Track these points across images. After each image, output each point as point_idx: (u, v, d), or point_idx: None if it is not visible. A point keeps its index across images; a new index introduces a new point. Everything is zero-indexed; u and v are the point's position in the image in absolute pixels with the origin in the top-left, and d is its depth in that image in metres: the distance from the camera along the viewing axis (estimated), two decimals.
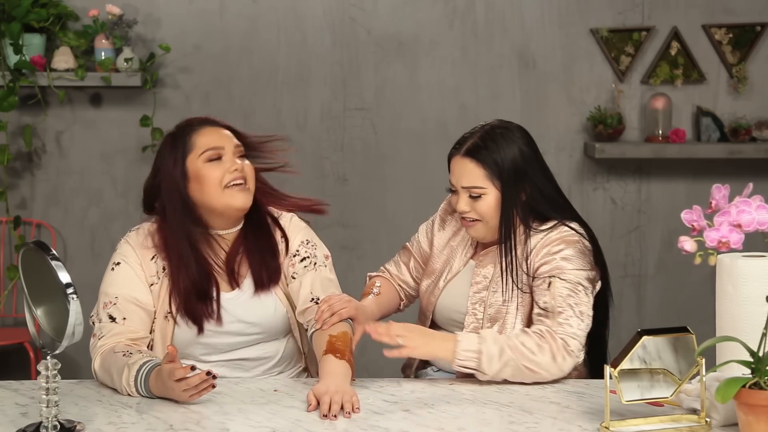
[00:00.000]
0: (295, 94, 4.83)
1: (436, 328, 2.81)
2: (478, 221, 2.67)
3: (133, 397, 2.44)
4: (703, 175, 4.81)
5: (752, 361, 2.02)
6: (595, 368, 2.75)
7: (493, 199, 2.64)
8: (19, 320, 4.78)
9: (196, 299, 2.63)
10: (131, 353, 2.50)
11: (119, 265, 2.66)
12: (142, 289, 2.64)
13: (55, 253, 2.14)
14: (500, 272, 2.66)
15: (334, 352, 2.49)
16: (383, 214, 4.88)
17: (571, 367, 2.53)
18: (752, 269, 2.22)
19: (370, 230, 4.88)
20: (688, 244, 2.21)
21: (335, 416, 2.28)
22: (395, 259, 2.96)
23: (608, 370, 2.14)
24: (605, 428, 2.16)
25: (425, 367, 2.82)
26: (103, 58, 4.64)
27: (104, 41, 4.67)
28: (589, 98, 4.81)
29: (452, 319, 2.75)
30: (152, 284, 2.65)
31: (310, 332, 2.65)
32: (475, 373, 2.50)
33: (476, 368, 2.49)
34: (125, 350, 2.51)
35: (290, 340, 2.76)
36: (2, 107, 4.56)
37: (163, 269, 2.66)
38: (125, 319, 2.61)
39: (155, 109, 4.75)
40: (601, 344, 2.77)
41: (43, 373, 2.15)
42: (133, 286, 2.64)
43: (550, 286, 2.58)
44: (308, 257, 2.72)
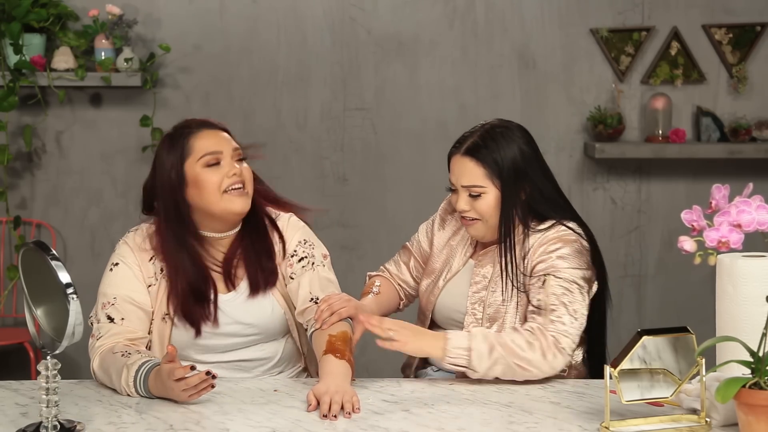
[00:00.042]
0: (295, 94, 4.83)
1: (435, 327, 2.81)
2: (477, 220, 2.66)
3: (132, 397, 2.44)
4: (703, 175, 4.80)
5: (752, 361, 2.02)
6: (594, 368, 2.75)
7: (492, 198, 2.64)
8: (19, 320, 4.78)
9: (193, 302, 2.63)
10: (130, 353, 2.50)
11: (117, 265, 2.66)
12: (140, 289, 2.64)
13: (55, 253, 2.14)
14: (499, 272, 2.67)
15: (333, 351, 2.48)
16: (383, 214, 4.88)
17: (562, 364, 2.52)
18: (752, 269, 2.22)
19: (370, 230, 4.88)
20: (688, 244, 2.21)
21: (335, 416, 2.28)
22: (395, 258, 2.96)
23: (608, 370, 2.14)
24: (605, 428, 2.16)
25: (425, 366, 2.82)
26: (103, 58, 4.64)
27: (104, 41, 4.67)
28: (589, 98, 4.81)
29: (451, 318, 2.75)
30: (150, 285, 2.65)
31: (309, 332, 2.65)
32: (465, 371, 2.50)
33: (467, 365, 2.49)
34: (124, 350, 2.51)
35: (289, 340, 2.76)
36: (2, 107, 4.56)
37: (161, 270, 2.66)
38: (123, 319, 2.61)
39: (155, 109, 4.75)
40: (600, 344, 2.77)
41: (43, 373, 2.15)
42: (131, 286, 2.64)
43: (544, 283, 2.58)
44: (306, 257, 2.72)
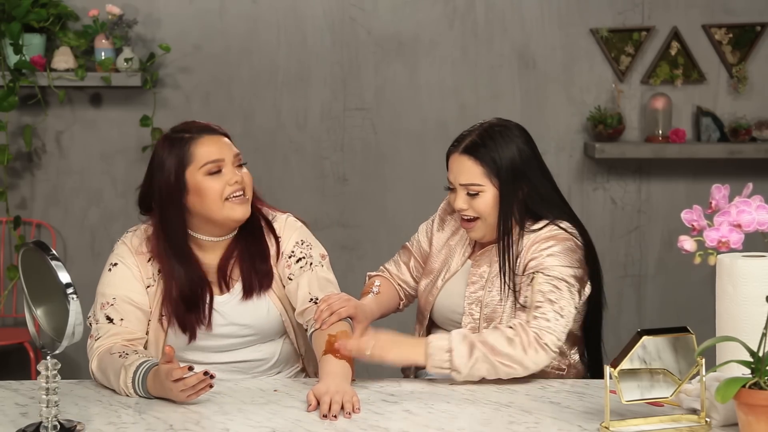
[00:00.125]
0: (295, 94, 4.83)
1: (434, 327, 2.81)
2: (476, 220, 2.66)
3: (131, 397, 2.44)
4: (703, 175, 4.80)
5: (752, 361, 2.02)
6: (590, 368, 2.75)
7: (490, 196, 2.64)
8: (19, 320, 4.78)
9: (187, 309, 2.62)
10: (127, 354, 2.49)
11: (116, 266, 2.66)
12: (139, 290, 2.64)
13: (55, 253, 2.13)
14: (496, 271, 2.66)
15: (333, 352, 2.48)
16: (383, 214, 4.88)
17: (545, 360, 2.50)
18: (752, 269, 2.22)
19: (370, 230, 4.88)
20: (688, 243, 2.21)
21: (335, 416, 2.28)
22: (395, 258, 2.96)
23: (608, 370, 2.14)
24: (605, 428, 2.16)
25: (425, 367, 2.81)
26: (103, 58, 4.64)
27: (104, 41, 4.67)
28: (589, 98, 4.81)
29: (450, 318, 2.75)
30: (149, 286, 2.65)
31: (309, 332, 2.65)
32: (450, 373, 2.50)
33: (450, 367, 2.48)
34: (121, 351, 2.51)
35: (286, 341, 2.76)
36: (2, 107, 4.56)
37: (158, 272, 2.65)
38: (122, 319, 2.61)
39: (155, 109, 4.75)
40: (596, 344, 2.76)
41: (43, 373, 2.15)
42: (130, 287, 2.63)
43: (532, 281, 2.58)
44: (304, 257, 2.71)
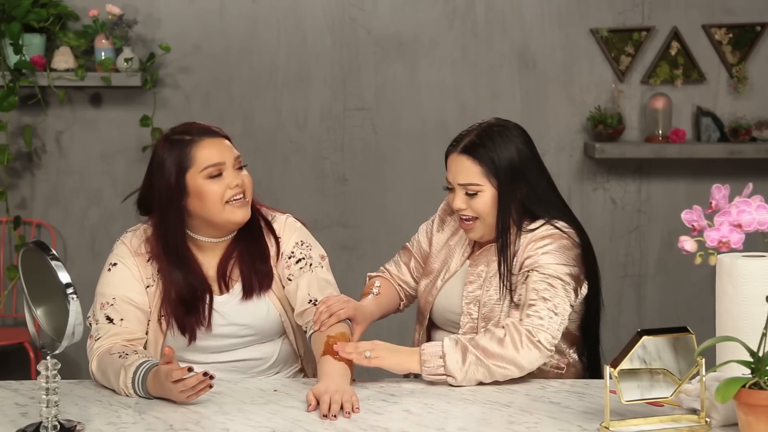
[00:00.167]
0: (295, 94, 4.83)
1: (434, 328, 2.81)
2: (475, 220, 2.66)
3: (131, 397, 2.44)
4: (703, 175, 4.80)
5: (752, 361, 2.02)
6: (589, 368, 2.74)
7: (489, 196, 2.64)
8: (19, 320, 4.78)
9: (186, 312, 2.62)
10: (127, 354, 2.49)
11: (116, 266, 2.66)
12: (138, 289, 2.64)
13: (55, 253, 2.13)
14: (495, 270, 2.66)
15: (332, 353, 2.48)
16: (383, 214, 4.88)
17: (539, 358, 2.50)
18: (752, 269, 2.22)
19: (370, 230, 4.88)
20: (688, 244, 2.21)
21: (335, 416, 2.28)
22: (395, 259, 2.96)
23: (608, 370, 2.14)
24: (605, 428, 2.16)
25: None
26: (103, 58, 4.64)
27: (104, 41, 4.67)
28: (589, 98, 4.81)
29: (448, 319, 2.74)
30: (148, 286, 2.65)
31: (308, 334, 2.65)
32: (446, 378, 2.49)
33: (445, 373, 2.48)
34: (121, 351, 2.51)
35: (285, 341, 2.76)
36: (2, 107, 4.56)
37: (158, 272, 2.65)
38: (122, 320, 2.60)
39: (155, 109, 4.75)
40: (595, 344, 2.76)
41: (43, 373, 2.15)
42: (129, 286, 2.63)
43: (527, 279, 2.58)
44: (303, 258, 2.71)
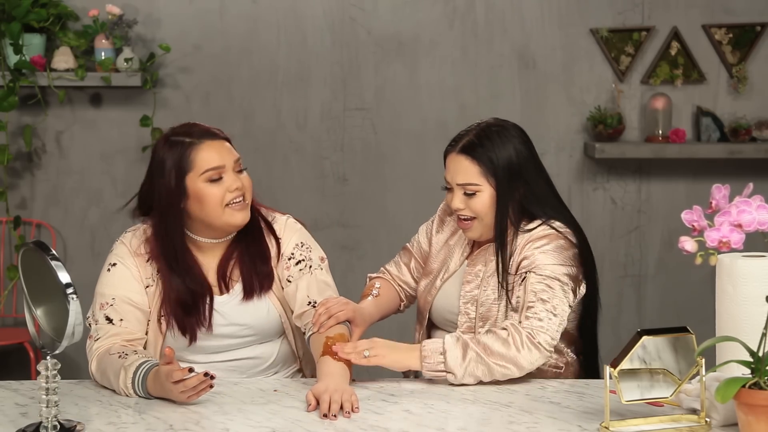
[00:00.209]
0: (295, 94, 4.83)
1: (433, 328, 2.81)
2: (473, 220, 2.67)
3: (131, 397, 2.44)
4: (703, 175, 4.80)
5: (752, 361, 2.02)
6: (588, 368, 2.74)
7: (487, 196, 2.64)
8: (19, 320, 4.78)
9: (186, 313, 2.62)
10: (127, 354, 2.49)
11: (115, 266, 2.66)
12: (138, 289, 2.63)
13: (55, 253, 2.13)
14: (492, 270, 2.66)
15: (331, 354, 2.48)
16: (383, 214, 4.88)
17: (539, 360, 2.50)
18: (752, 269, 2.22)
19: (370, 230, 4.88)
20: (688, 244, 2.21)
21: (335, 416, 2.28)
22: (395, 259, 2.96)
23: (608, 370, 2.14)
24: (605, 428, 2.16)
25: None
26: (103, 58, 4.64)
27: (104, 41, 4.67)
28: (589, 98, 4.81)
29: (447, 319, 2.75)
30: (148, 286, 2.64)
31: (307, 335, 2.65)
32: (446, 376, 2.49)
33: (444, 370, 2.48)
34: (120, 351, 2.51)
35: (284, 342, 2.76)
36: (2, 107, 4.56)
37: (157, 272, 2.65)
38: (122, 320, 2.60)
39: (155, 109, 4.75)
40: (593, 344, 2.76)
41: (43, 373, 2.15)
42: (129, 286, 2.63)
43: (524, 280, 2.58)
44: (303, 260, 2.71)
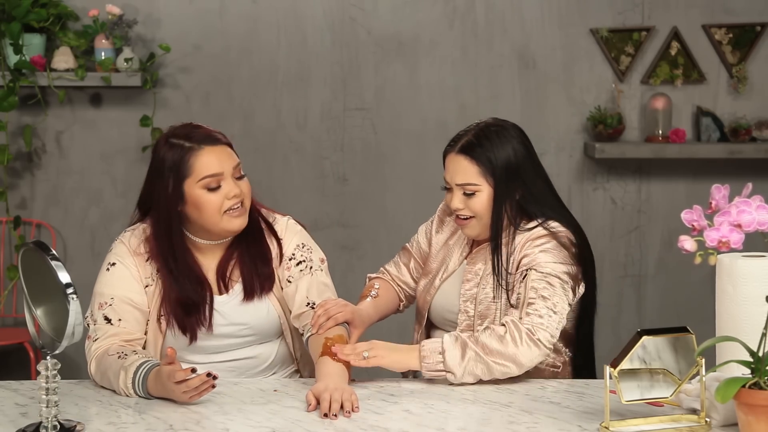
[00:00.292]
0: (295, 94, 4.83)
1: (432, 327, 2.81)
2: (471, 218, 2.67)
3: (131, 397, 2.44)
4: (703, 175, 4.80)
5: (752, 361, 2.02)
6: (585, 368, 2.74)
7: (486, 196, 2.64)
8: (19, 320, 4.78)
9: (186, 314, 2.62)
10: (126, 354, 2.49)
11: (114, 265, 2.65)
12: (137, 289, 2.63)
13: (55, 253, 2.13)
14: (491, 268, 2.66)
15: (330, 354, 2.48)
16: (383, 214, 4.88)
17: (538, 356, 2.50)
18: (752, 269, 2.22)
19: (370, 230, 4.88)
20: (688, 243, 2.21)
21: (335, 415, 2.28)
22: (395, 260, 2.96)
23: (608, 370, 2.14)
24: (605, 428, 2.16)
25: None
26: (103, 58, 4.64)
27: (104, 41, 4.66)
28: (589, 98, 4.81)
29: (446, 318, 2.75)
30: (147, 286, 2.64)
31: (306, 336, 2.65)
32: (445, 375, 2.50)
33: (444, 369, 2.49)
34: (119, 351, 2.51)
35: (282, 343, 2.76)
36: (2, 107, 4.56)
37: (157, 271, 2.65)
38: (121, 320, 2.60)
39: (155, 109, 4.75)
40: (589, 343, 2.76)
41: (42, 373, 2.15)
42: (128, 286, 2.63)
43: (524, 278, 2.58)
44: (304, 261, 2.71)
